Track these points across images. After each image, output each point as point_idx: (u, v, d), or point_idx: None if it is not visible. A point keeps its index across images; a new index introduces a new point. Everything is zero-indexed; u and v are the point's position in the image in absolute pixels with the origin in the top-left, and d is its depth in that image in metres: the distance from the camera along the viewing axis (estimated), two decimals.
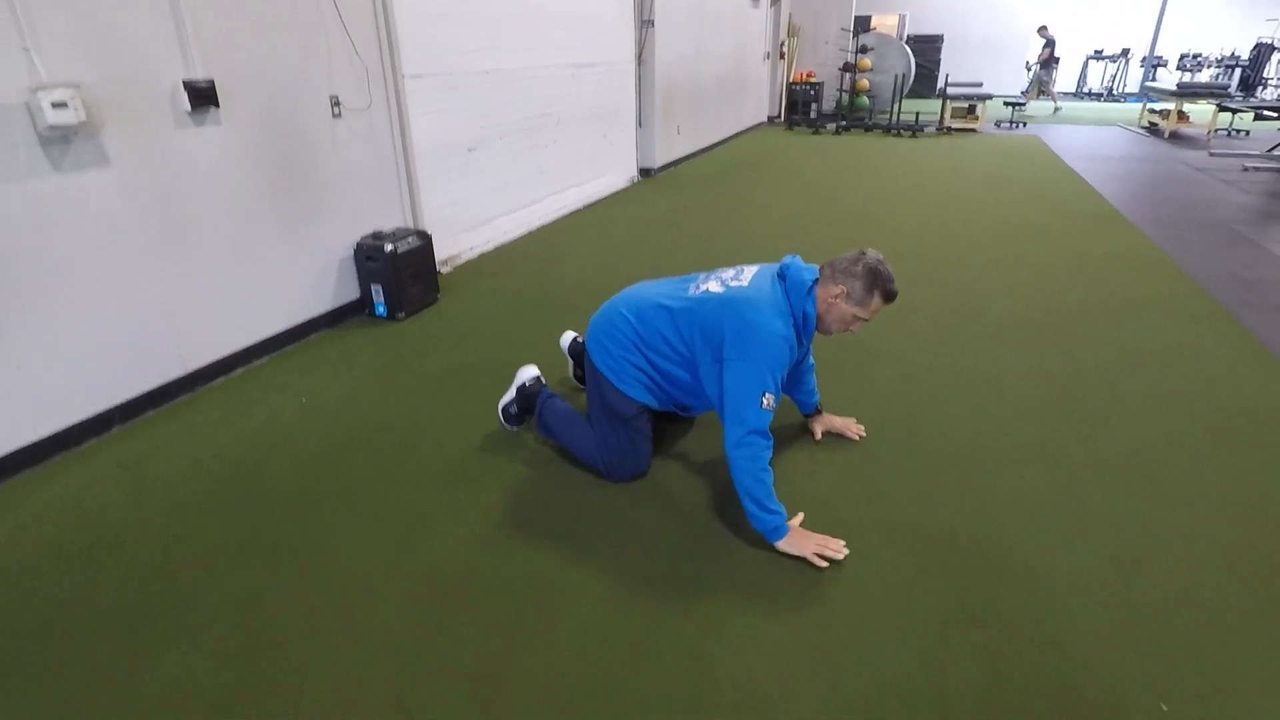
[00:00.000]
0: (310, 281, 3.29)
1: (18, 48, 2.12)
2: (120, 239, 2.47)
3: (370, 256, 3.41)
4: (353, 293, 3.53)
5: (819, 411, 2.45)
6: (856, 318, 1.95)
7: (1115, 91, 16.85)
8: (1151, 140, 9.72)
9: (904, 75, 11.44)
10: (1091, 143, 9.50)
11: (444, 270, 4.26)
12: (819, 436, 2.42)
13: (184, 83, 2.58)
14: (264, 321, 3.08)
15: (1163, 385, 2.78)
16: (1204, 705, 1.44)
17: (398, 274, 3.42)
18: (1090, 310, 3.56)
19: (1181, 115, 10.09)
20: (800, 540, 1.84)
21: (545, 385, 2.45)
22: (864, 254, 1.93)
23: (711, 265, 4.24)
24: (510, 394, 2.45)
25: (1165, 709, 1.44)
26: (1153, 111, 11.00)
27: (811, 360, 2.32)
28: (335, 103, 3.27)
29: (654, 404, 2.14)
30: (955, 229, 5.14)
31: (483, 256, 4.60)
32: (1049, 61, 14.05)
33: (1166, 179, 7.04)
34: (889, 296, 1.94)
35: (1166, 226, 5.18)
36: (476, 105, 4.46)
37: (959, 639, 1.62)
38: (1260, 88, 14.67)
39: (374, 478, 2.24)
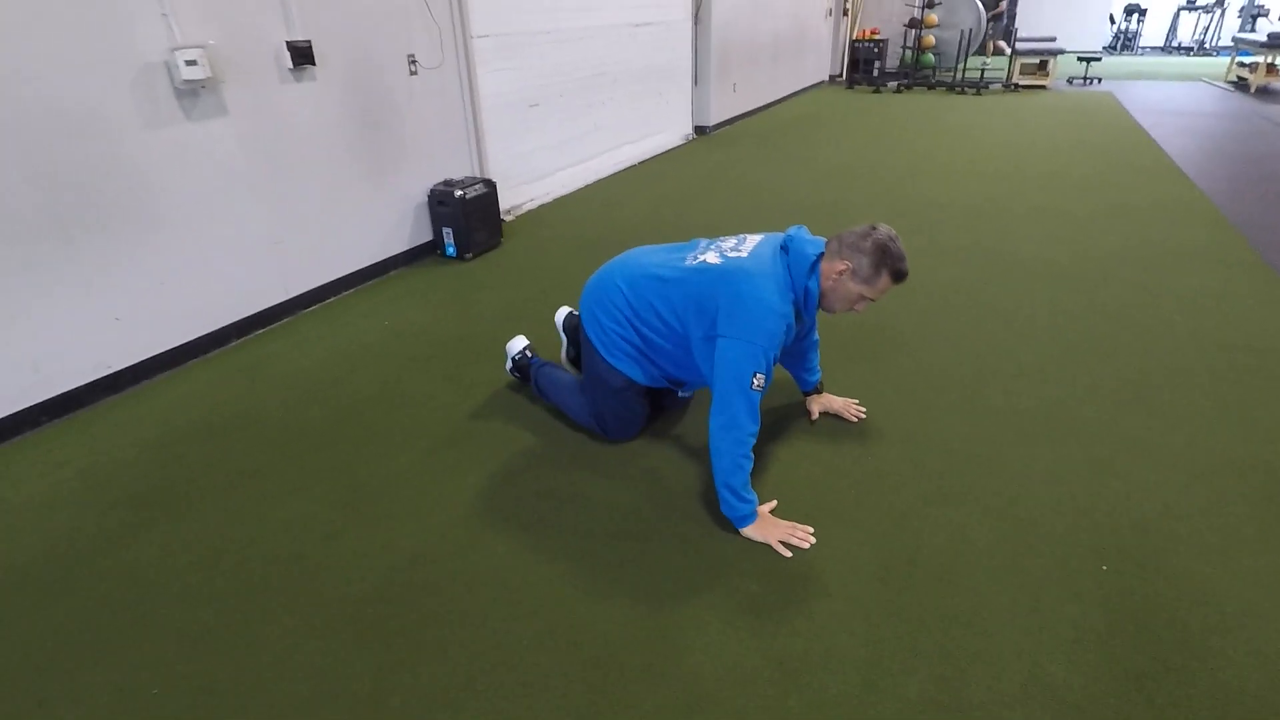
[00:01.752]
0: (390, 223, 3.70)
1: (158, 14, 2.53)
2: (236, 179, 2.90)
3: (442, 201, 3.79)
4: (426, 235, 3.93)
5: (819, 391, 2.36)
6: (863, 297, 1.83)
7: (1208, 45, 15.86)
8: (1237, 96, 9.28)
9: (973, 30, 11.14)
10: (1169, 99, 9.14)
11: (507, 219, 4.63)
12: (815, 417, 2.33)
13: (287, 43, 2.98)
14: (351, 257, 3.50)
15: (1178, 324, 2.93)
16: (1141, 570, 1.69)
17: (466, 218, 3.80)
18: (1123, 257, 3.66)
19: (1272, 68, 9.57)
20: (767, 528, 1.81)
21: (535, 355, 2.49)
22: (875, 229, 1.80)
23: (758, 215, 4.52)
24: (508, 363, 2.53)
25: (1105, 568, 1.69)
26: (1241, 65, 10.44)
27: (815, 337, 2.25)
28: (412, 61, 3.63)
29: (641, 379, 2.07)
30: (1002, 181, 5.20)
31: (542, 207, 4.95)
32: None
33: (1239, 134, 6.81)
34: (898, 276, 1.79)
35: (1225, 180, 5.12)
36: (537, 64, 4.77)
37: (935, 514, 1.89)
38: None
39: (447, 384, 2.63)
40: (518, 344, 2.54)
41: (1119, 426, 2.25)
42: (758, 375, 1.72)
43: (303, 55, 3.03)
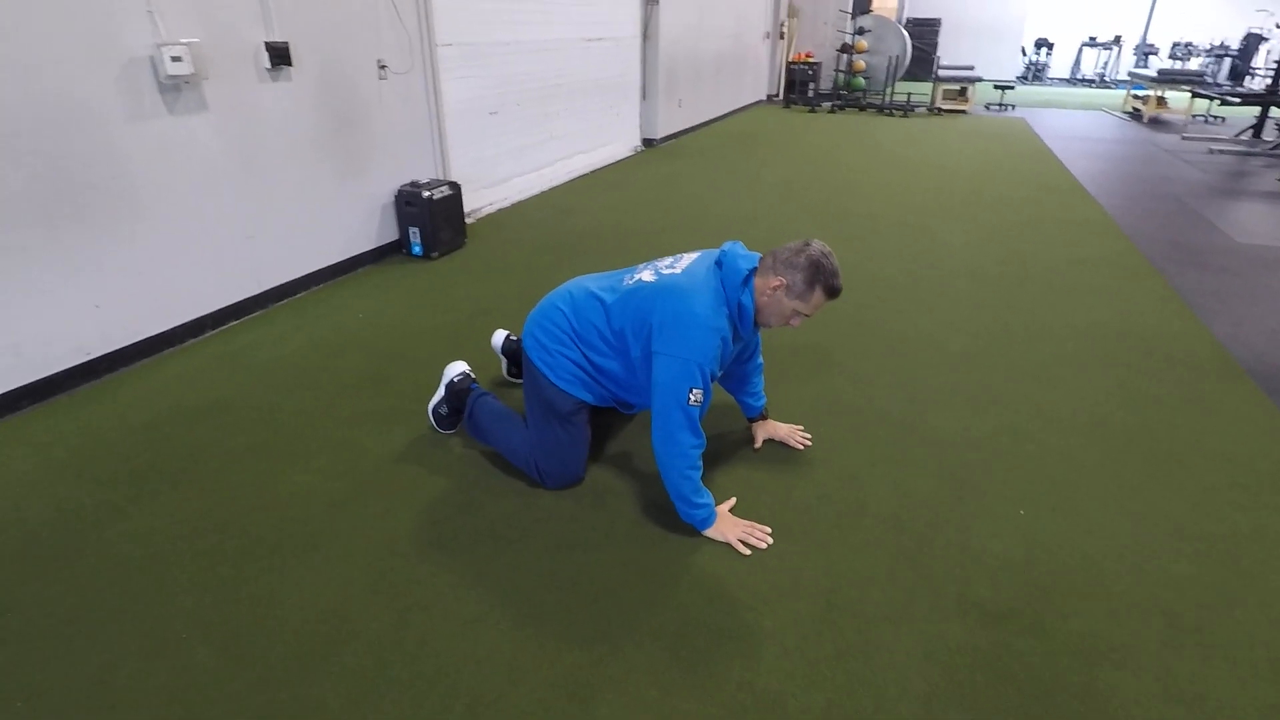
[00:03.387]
0: (359, 221, 3.80)
1: (144, 10, 2.61)
2: (214, 174, 2.98)
3: (409, 202, 3.92)
4: (392, 234, 4.05)
5: (764, 417, 2.33)
6: (797, 312, 1.83)
7: (1107, 78, 17.26)
8: (1132, 125, 10.19)
9: (899, 57, 11.86)
10: (1074, 125, 9.98)
11: (469, 220, 4.77)
12: (759, 444, 2.30)
13: (266, 44, 3.08)
14: (322, 252, 3.59)
15: (1079, 317, 3.32)
16: (1052, 513, 1.99)
17: (433, 218, 3.94)
18: (1034, 262, 4.09)
19: (1161, 101, 10.56)
20: (727, 527, 1.86)
21: (475, 382, 2.34)
22: (808, 245, 1.81)
23: (702, 224, 4.81)
24: (439, 393, 2.33)
25: (1022, 513, 1.99)
26: (1135, 97, 11.46)
27: (760, 360, 2.24)
28: (381, 65, 3.76)
29: (591, 399, 2.03)
30: (929, 195, 5.66)
31: (501, 211, 5.11)
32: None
33: (1135, 159, 7.54)
34: (832, 292, 1.80)
35: (1123, 199, 5.70)
36: (497, 73, 4.94)
37: (880, 473, 2.16)
38: (1249, 77, 15.13)
39: (431, 371, 2.77)
40: (456, 369, 2.35)
41: (1032, 399, 2.59)
42: (694, 391, 1.73)
43: (280, 56, 3.13)
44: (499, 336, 2.65)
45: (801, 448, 2.30)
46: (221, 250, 3.07)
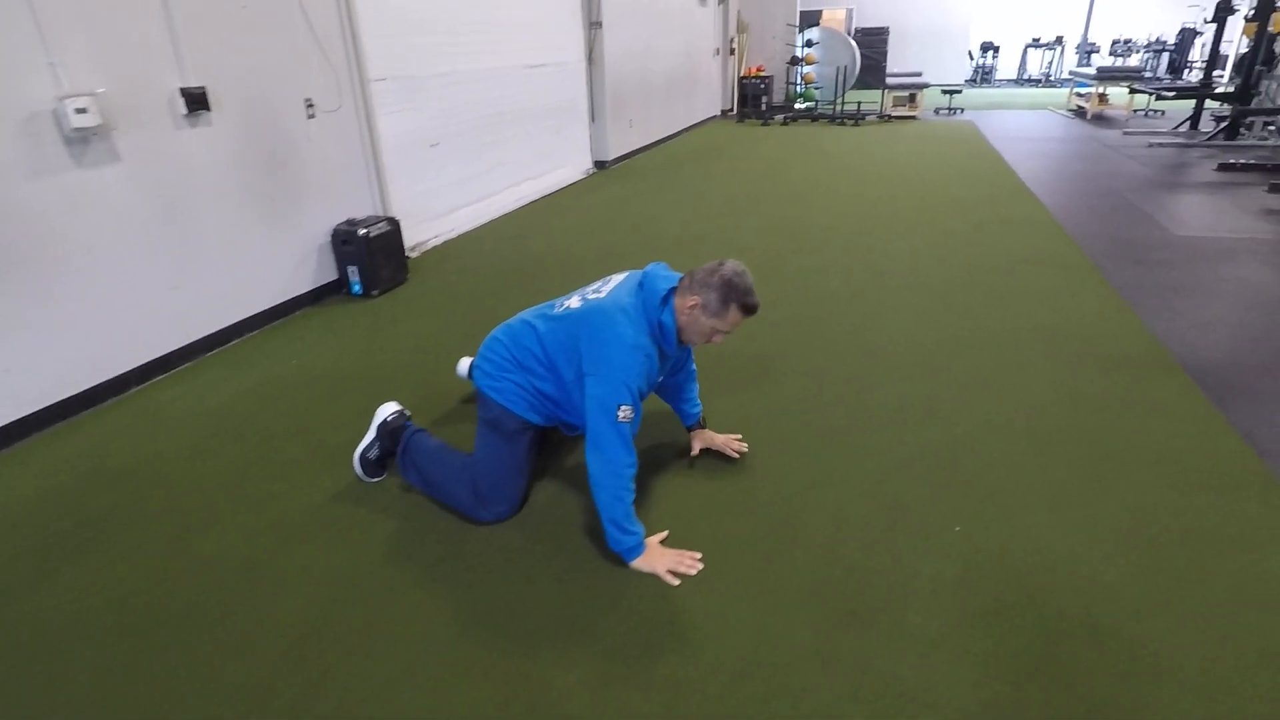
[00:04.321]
0: (293, 263, 3.72)
1: (44, 63, 2.53)
2: (131, 224, 2.89)
3: (346, 240, 3.85)
4: (331, 274, 3.97)
5: (701, 425, 2.37)
6: (716, 330, 1.89)
7: (1052, 77, 17.68)
8: (1076, 122, 10.42)
9: (848, 67, 12.04)
10: (1020, 126, 10.18)
11: (412, 255, 4.70)
12: (695, 453, 2.33)
13: (180, 90, 3.01)
14: (254, 298, 3.50)
15: (1022, 320, 3.34)
16: (987, 529, 1.97)
17: (371, 256, 3.87)
18: (982, 266, 4.12)
19: (1103, 98, 10.81)
20: (655, 558, 1.84)
21: (410, 419, 2.31)
22: (722, 265, 1.87)
23: (654, 244, 4.79)
24: (369, 436, 2.26)
25: (958, 529, 1.96)
26: (1078, 95, 11.73)
27: (693, 368, 2.29)
28: (309, 104, 3.70)
29: (536, 419, 2.05)
30: (878, 204, 5.70)
31: (448, 243, 5.05)
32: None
33: (1078, 156, 7.69)
34: (747, 309, 1.87)
35: (1066, 197, 5.79)
36: (436, 105, 4.90)
37: (817, 496, 2.13)
38: (1186, 70, 15.59)
39: (361, 417, 2.69)
40: (390, 409, 2.32)
41: (974, 408, 2.58)
42: (623, 408, 1.76)
43: (197, 101, 3.06)
44: (464, 364, 2.64)
45: (737, 456, 2.33)
46: (143, 303, 2.98)
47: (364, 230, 3.82)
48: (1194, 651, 1.56)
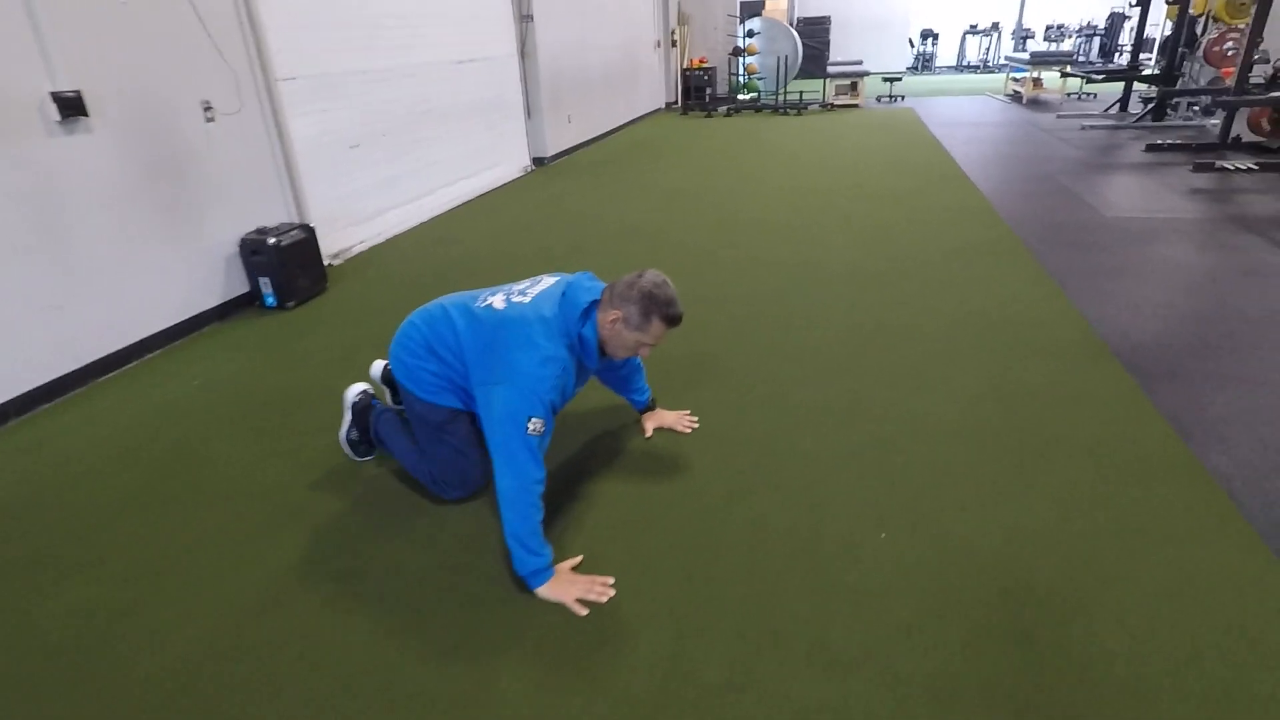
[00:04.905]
0: (197, 277, 3.48)
1: None
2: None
3: (255, 251, 3.63)
4: (242, 286, 3.74)
5: (652, 407, 2.44)
6: (640, 343, 1.83)
7: (990, 63, 18.00)
8: (1014, 107, 10.58)
9: (790, 57, 12.04)
10: (959, 112, 10.28)
11: (335, 263, 4.49)
12: (649, 433, 2.39)
13: (51, 94, 2.76)
14: (153, 316, 3.27)
15: (954, 309, 3.29)
16: (914, 533, 1.89)
17: (284, 266, 3.65)
18: (916, 257, 4.08)
19: (1037, 82, 11.00)
20: (563, 587, 1.72)
21: (375, 399, 2.34)
22: (641, 276, 1.80)
23: (591, 242, 4.65)
24: (346, 419, 2.30)
25: (884, 536, 1.88)
26: (1014, 80, 11.92)
27: (637, 361, 2.27)
28: (207, 107, 3.46)
29: (461, 406, 1.99)
30: (816, 195, 5.65)
31: (374, 249, 4.83)
32: None
33: (1014, 140, 7.78)
34: (670, 320, 1.81)
35: (1001, 182, 5.82)
36: (354, 104, 4.68)
37: (738, 508, 2.03)
38: (1116, 54, 16.01)
39: (260, 441, 2.51)
40: (356, 389, 2.33)
41: (902, 405, 2.51)
42: (534, 420, 1.68)
43: (71, 106, 2.82)
44: (377, 366, 2.53)
45: (688, 431, 2.40)
46: (21, 328, 2.73)
47: (275, 239, 3.60)
48: (1122, 652, 1.50)
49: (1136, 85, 9.23)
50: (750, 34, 12.16)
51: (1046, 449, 2.22)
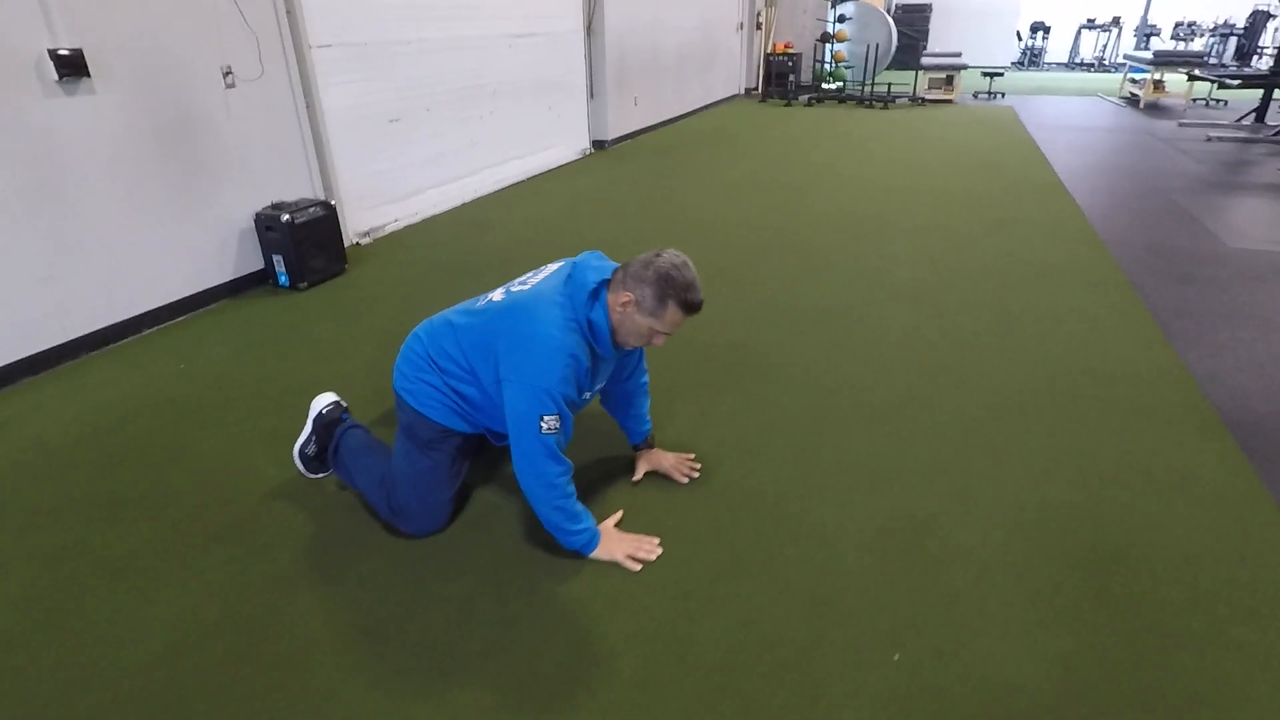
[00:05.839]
0: (207, 251, 3.32)
1: None
2: None
3: (269, 227, 3.45)
4: (257, 263, 3.57)
5: (650, 445, 2.10)
6: (654, 330, 1.65)
7: (1106, 61, 16.57)
8: (1128, 111, 9.59)
9: (881, 45, 11.28)
10: (1065, 114, 9.38)
11: (364, 242, 4.30)
12: (639, 477, 2.06)
13: (49, 52, 2.60)
14: (155, 290, 3.12)
15: (1028, 351, 2.80)
16: (937, 659, 1.48)
17: (297, 245, 3.46)
18: (991, 275, 3.57)
19: (1159, 85, 9.93)
20: (613, 544, 1.74)
21: (347, 412, 2.10)
22: (659, 255, 1.62)
23: (634, 233, 4.31)
24: (306, 430, 2.06)
25: (897, 659, 1.48)
26: (1132, 81, 10.83)
27: (644, 380, 2.03)
28: (227, 72, 3.28)
29: (460, 426, 1.83)
30: (890, 197, 5.12)
31: (408, 228, 4.62)
32: None
33: (1124, 148, 6.96)
34: (687, 307, 1.62)
35: (1103, 196, 5.15)
36: (398, 76, 4.45)
37: (724, 593, 1.66)
38: (1256, 56, 14.41)
39: (230, 436, 2.30)
40: (326, 400, 2.09)
41: (949, 474, 2.08)
42: (547, 418, 1.58)
43: (71, 66, 2.66)
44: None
45: (685, 481, 2.06)
46: (7, 296, 2.61)
47: (288, 216, 3.40)
48: None
49: (1278, 94, 8.16)
50: (841, 19, 11.45)
51: (1123, 558, 1.75)
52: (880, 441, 2.24)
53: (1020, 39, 16.67)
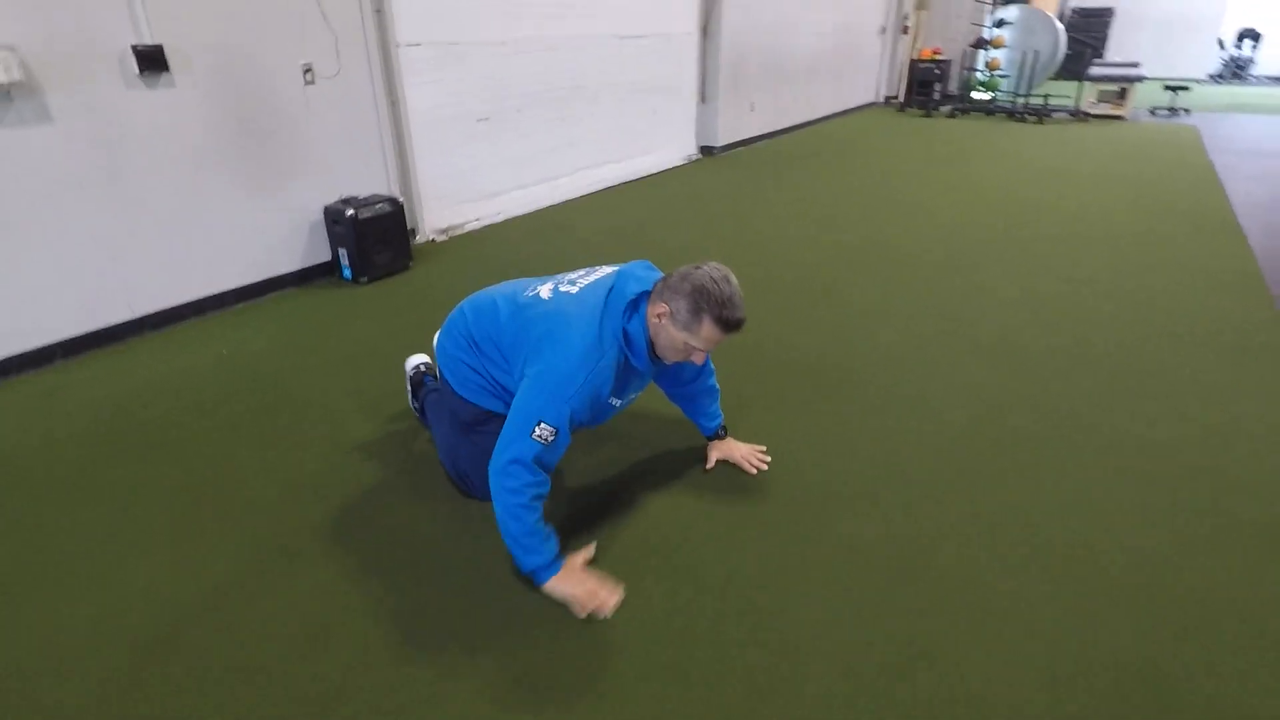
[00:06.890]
0: (275, 240, 3.44)
1: None
2: (63, 188, 2.69)
3: (335, 220, 3.52)
4: (325, 254, 3.67)
5: (721, 436, 2.12)
6: (689, 345, 1.58)
7: None
8: None
9: (1043, 53, 10.21)
10: (1263, 136, 8.03)
11: (440, 239, 4.34)
12: (711, 465, 2.08)
13: (132, 47, 2.75)
14: (220, 276, 3.26)
15: (1158, 431, 2.30)
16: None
17: (360, 239, 3.51)
18: (1114, 332, 3.01)
19: None
20: (572, 582, 1.59)
21: (430, 375, 2.27)
22: (698, 267, 1.56)
23: (712, 248, 4.06)
24: (408, 389, 2.30)
25: None
26: None
27: (711, 383, 2.02)
28: (307, 69, 3.37)
29: (498, 408, 1.81)
30: (1013, 231, 4.53)
31: (488, 228, 4.62)
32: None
33: None
34: (725, 324, 1.53)
35: None
36: (489, 76, 4.45)
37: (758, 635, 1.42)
38: None
39: (234, 430, 2.32)
40: (414, 361, 2.34)
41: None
42: (543, 425, 1.52)
43: (151, 61, 2.80)
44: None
45: (755, 472, 2.07)
46: (78, 272, 2.79)
47: (352, 211, 3.46)
48: None
49: None
50: (1000, 24, 10.47)
51: None
52: (953, 509, 1.89)
53: (1222, 46, 14.62)
